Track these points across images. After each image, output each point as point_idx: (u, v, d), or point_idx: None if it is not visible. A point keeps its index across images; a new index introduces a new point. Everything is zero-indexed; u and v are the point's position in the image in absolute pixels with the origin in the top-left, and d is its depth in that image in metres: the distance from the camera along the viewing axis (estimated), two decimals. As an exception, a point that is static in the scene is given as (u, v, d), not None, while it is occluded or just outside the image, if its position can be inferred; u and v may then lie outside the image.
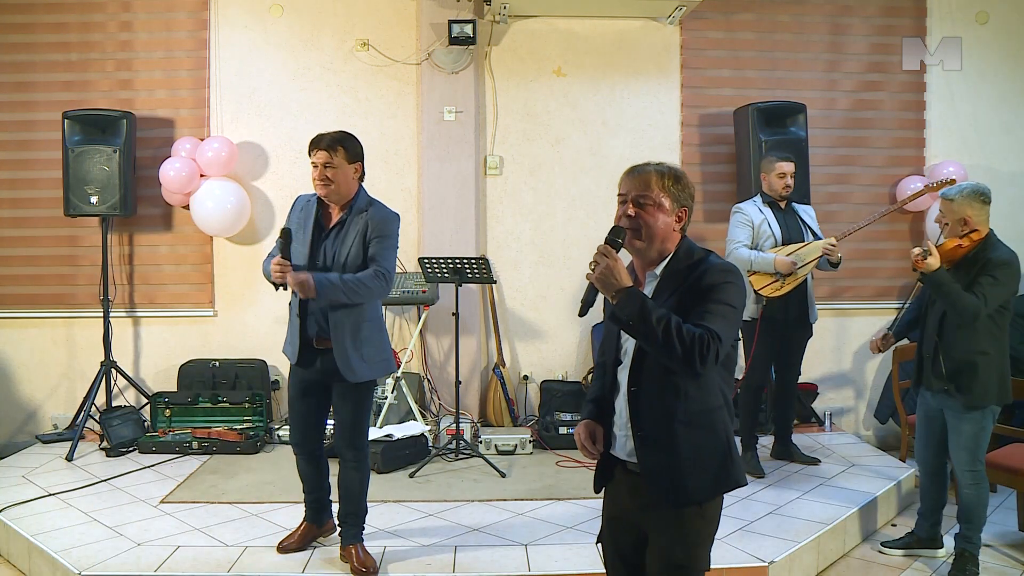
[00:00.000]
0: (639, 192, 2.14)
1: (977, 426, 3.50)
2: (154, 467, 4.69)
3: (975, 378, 3.45)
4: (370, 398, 3.42)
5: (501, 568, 3.36)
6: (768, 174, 4.61)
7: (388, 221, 3.31)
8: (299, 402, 3.42)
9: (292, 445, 3.51)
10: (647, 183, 2.14)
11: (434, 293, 5.17)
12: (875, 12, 5.73)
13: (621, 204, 2.17)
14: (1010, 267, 3.44)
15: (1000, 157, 5.81)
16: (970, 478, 3.54)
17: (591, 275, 2.06)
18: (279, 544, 3.51)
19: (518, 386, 5.64)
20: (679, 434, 2.09)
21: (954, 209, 3.50)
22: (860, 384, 5.84)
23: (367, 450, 3.43)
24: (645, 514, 2.17)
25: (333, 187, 3.25)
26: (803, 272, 4.45)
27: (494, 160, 5.58)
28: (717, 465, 2.12)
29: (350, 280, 3.18)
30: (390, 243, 3.29)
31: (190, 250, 5.57)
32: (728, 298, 2.07)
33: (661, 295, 2.12)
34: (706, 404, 2.10)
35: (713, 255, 2.16)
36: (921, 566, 3.75)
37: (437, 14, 5.39)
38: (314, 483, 3.54)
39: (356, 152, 3.31)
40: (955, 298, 3.41)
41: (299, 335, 3.30)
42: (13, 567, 3.74)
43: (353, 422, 3.35)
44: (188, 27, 5.51)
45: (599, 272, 2.04)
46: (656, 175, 2.15)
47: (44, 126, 5.41)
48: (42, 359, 5.55)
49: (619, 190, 2.19)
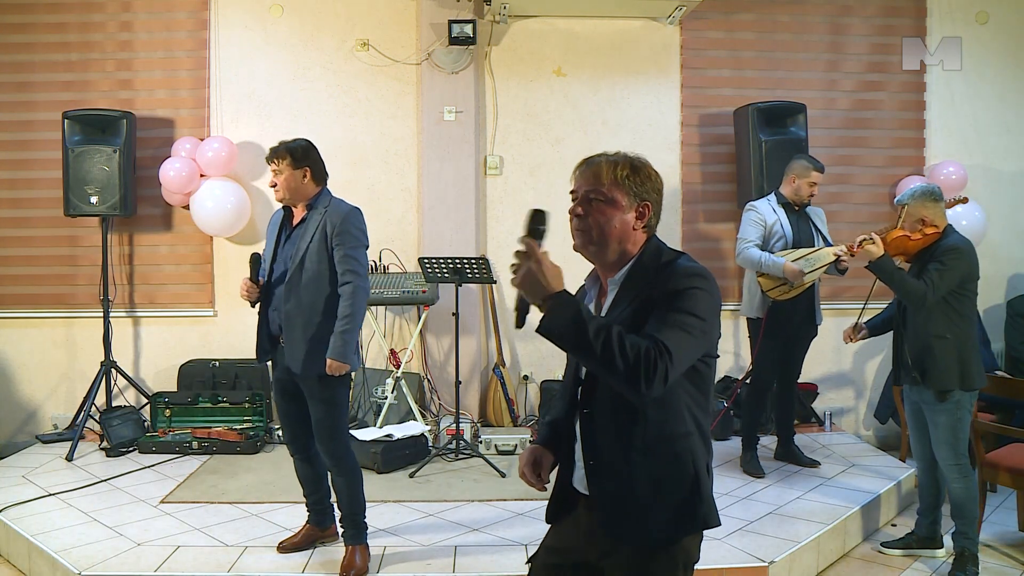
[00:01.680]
0: (588, 187, 1.85)
1: (952, 417, 3.53)
2: (154, 467, 4.69)
3: (934, 362, 3.53)
4: (341, 394, 3.37)
5: (501, 568, 3.36)
6: (799, 179, 4.54)
7: (347, 217, 3.32)
8: (281, 403, 3.45)
9: (287, 446, 3.54)
10: (597, 176, 1.85)
11: (434, 293, 5.17)
12: (875, 12, 5.73)
13: (573, 202, 1.89)
14: (957, 251, 3.55)
15: (1000, 157, 5.81)
16: (956, 472, 3.56)
17: (513, 280, 1.71)
18: (280, 544, 3.51)
19: (518, 386, 5.64)
20: (635, 463, 1.79)
21: (911, 212, 3.66)
22: (860, 384, 5.84)
23: (344, 452, 3.37)
24: (603, 559, 1.87)
25: (280, 191, 3.35)
26: (810, 279, 4.43)
27: (494, 160, 5.58)
28: (680, 501, 1.80)
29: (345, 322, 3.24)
30: (355, 242, 3.32)
31: (190, 250, 5.57)
32: (691, 306, 1.73)
33: (618, 305, 1.84)
34: (669, 430, 1.80)
35: (685, 257, 1.86)
36: (921, 566, 3.76)
37: (437, 14, 5.39)
38: (312, 484, 3.54)
39: (301, 158, 3.33)
40: (899, 283, 3.58)
41: (259, 331, 3.38)
42: (13, 567, 3.74)
43: (323, 418, 3.31)
44: (188, 27, 5.51)
45: (520, 277, 1.69)
46: (608, 166, 1.85)
47: (44, 126, 5.41)
48: (42, 359, 5.55)
49: (571, 186, 1.91)
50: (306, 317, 3.26)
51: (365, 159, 5.53)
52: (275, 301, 3.34)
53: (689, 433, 1.82)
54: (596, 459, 1.84)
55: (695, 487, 1.82)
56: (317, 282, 3.27)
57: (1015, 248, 5.84)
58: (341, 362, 3.23)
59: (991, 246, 5.69)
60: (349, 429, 3.69)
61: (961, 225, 5.28)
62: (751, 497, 4.14)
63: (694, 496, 1.82)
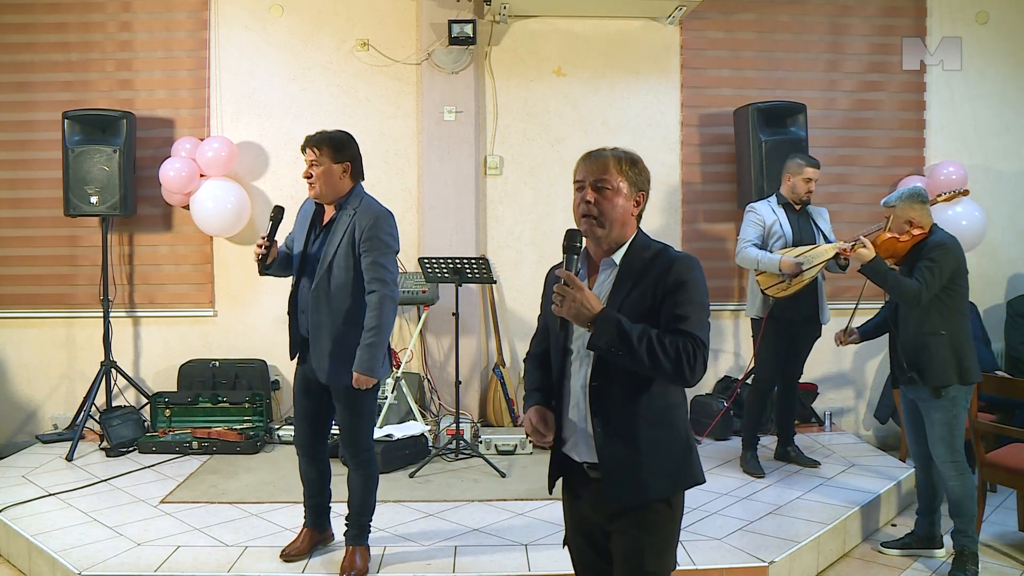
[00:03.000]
0: (597, 177, 2.08)
1: (948, 414, 3.54)
2: (154, 467, 4.69)
3: (931, 359, 3.55)
4: (368, 402, 3.33)
5: (501, 568, 3.36)
6: (794, 176, 4.56)
7: (376, 222, 3.18)
8: (302, 400, 3.41)
9: (296, 445, 3.50)
10: (605, 167, 2.09)
11: (434, 293, 5.17)
12: (875, 12, 5.73)
13: (578, 191, 2.12)
14: (944, 247, 3.59)
15: (1000, 157, 5.81)
16: (952, 469, 3.56)
17: (558, 310, 1.96)
18: (283, 552, 3.44)
19: (518, 386, 5.63)
20: (641, 431, 2.04)
21: (898, 214, 3.70)
22: (860, 384, 5.84)
23: (369, 455, 3.36)
24: (611, 522, 2.11)
25: (316, 185, 3.21)
26: (809, 275, 4.42)
27: (494, 160, 5.58)
28: (677, 461, 2.09)
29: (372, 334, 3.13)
30: (385, 248, 3.18)
31: (190, 250, 5.58)
32: (699, 294, 2.03)
33: (622, 286, 2.07)
34: (669, 400, 2.08)
35: (669, 247, 2.13)
36: (921, 566, 3.76)
37: (437, 14, 5.39)
38: (315, 487, 3.50)
39: (343, 152, 3.23)
40: (894, 283, 3.61)
41: (291, 332, 3.32)
42: (13, 567, 3.74)
43: (349, 426, 3.31)
44: (188, 27, 5.51)
45: (567, 308, 1.94)
46: (613, 159, 2.10)
47: (44, 126, 5.41)
48: (42, 359, 5.55)
49: (575, 177, 2.14)
50: (333, 326, 3.17)
51: (365, 159, 5.40)
52: (302, 303, 3.25)
53: (681, 403, 2.14)
54: (606, 427, 2.05)
55: (687, 449, 2.12)
56: (345, 290, 3.17)
57: (1015, 248, 5.84)
58: (368, 376, 3.14)
59: (991, 246, 5.69)
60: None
61: (961, 225, 5.29)
62: (751, 497, 4.14)
63: (686, 457, 2.12)
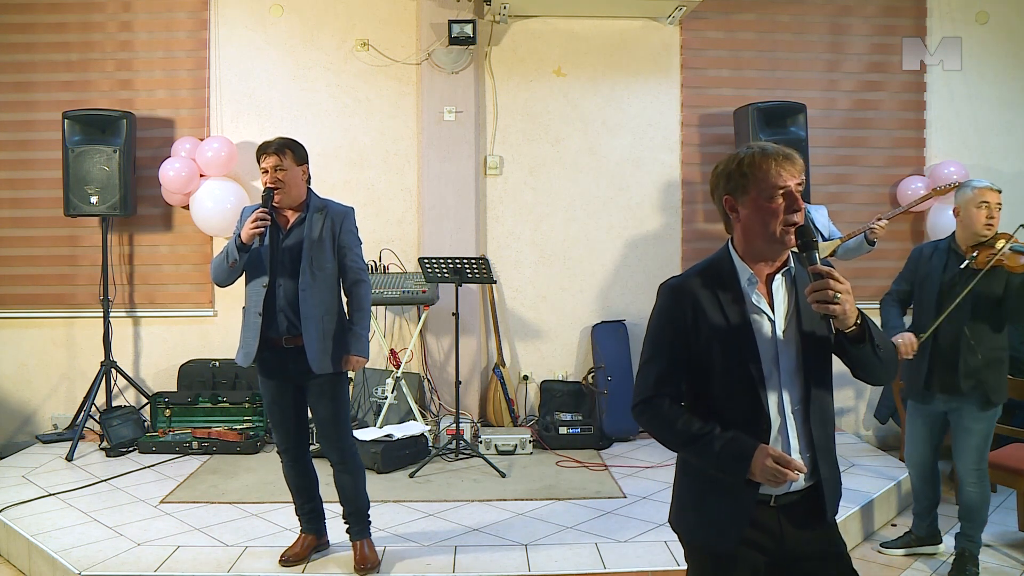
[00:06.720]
0: (798, 181, 1.82)
1: (989, 425, 3.55)
2: (154, 467, 4.69)
3: (1000, 375, 3.51)
4: (346, 393, 3.44)
5: (501, 568, 3.36)
6: None
7: (348, 217, 3.44)
8: (276, 407, 3.39)
9: (279, 452, 3.46)
10: (801, 169, 1.84)
11: (434, 293, 5.17)
12: (875, 12, 5.73)
13: (786, 198, 1.80)
14: None
15: (1000, 157, 5.81)
16: (975, 476, 3.55)
17: (837, 308, 1.73)
18: (281, 557, 3.41)
19: (518, 386, 5.64)
20: (834, 446, 1.98)
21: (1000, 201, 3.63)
22: (860, 384, 5.83)
23: (353, 448, 3.42)
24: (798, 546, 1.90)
25: (284, 189, 3.29)
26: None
27: (494, 160, 5.58)
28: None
29: (364, 318, 3.41)
30: (358, 243, 3.47)
31: (190, 250, 5.57)
32: None
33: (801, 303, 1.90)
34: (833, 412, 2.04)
35: None
36: (921, 566, 3.75)
37: (437, 14, 5.39)
38: (306, 493, 3.48)
39: (303, 155, 3.38)
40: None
41: (259, 335, 3.27)
42: (13, 567, 3.74)
43: (333, 419, 3.35)
44: (188, 27, 5.51)
45: (846, 302, 1.73)
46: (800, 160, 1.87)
47: (44, 126, 5.41)
48: (42, 359, 5.55)
49: (779, 181, 1.80)
50: (322, 317, 3.30)
51: (365, 159, 5.53)
52: (280, 303, 3.29)
53: None
54: (813, 450, 1.92)
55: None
56: (330, 283, 3.36)
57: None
58: (365, 357, 3.41)
59: (991, 246, 5.69)
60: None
61: (961, 225, 5.28)
62: (751, 497, 4.15)
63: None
